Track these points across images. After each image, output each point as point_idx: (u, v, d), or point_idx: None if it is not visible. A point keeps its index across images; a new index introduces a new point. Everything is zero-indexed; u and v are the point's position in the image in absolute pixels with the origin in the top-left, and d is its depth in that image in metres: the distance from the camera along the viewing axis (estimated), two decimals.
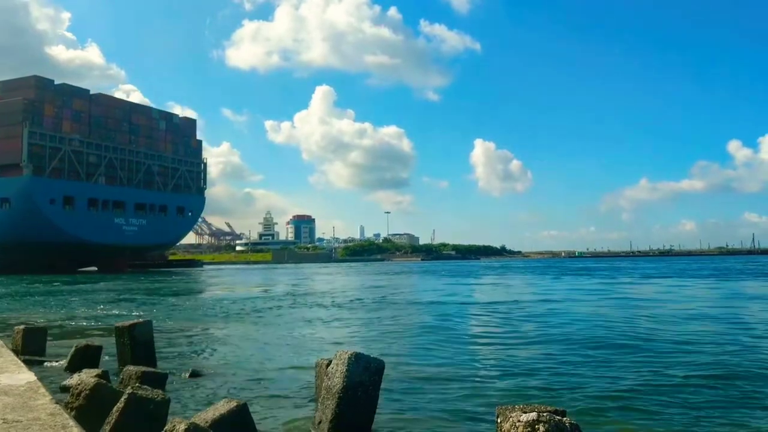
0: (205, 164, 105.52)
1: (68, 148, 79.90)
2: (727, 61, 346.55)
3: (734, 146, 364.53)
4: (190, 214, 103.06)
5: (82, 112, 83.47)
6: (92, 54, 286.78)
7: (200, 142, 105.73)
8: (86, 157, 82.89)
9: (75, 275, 64.62)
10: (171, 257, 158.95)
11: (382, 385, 6.50)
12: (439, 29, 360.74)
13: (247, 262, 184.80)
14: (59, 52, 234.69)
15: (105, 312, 21.55)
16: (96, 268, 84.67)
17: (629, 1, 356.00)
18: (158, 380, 7.97)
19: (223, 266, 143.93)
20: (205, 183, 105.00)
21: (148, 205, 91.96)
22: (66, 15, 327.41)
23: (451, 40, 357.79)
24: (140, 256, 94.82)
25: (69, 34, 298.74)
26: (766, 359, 10.63)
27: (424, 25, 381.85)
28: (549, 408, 4.41)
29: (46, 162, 77.16)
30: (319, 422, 6.22)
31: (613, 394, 8.16)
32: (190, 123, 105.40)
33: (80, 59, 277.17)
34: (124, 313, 20.97)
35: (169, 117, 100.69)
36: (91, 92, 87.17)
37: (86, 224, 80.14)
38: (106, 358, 10.44)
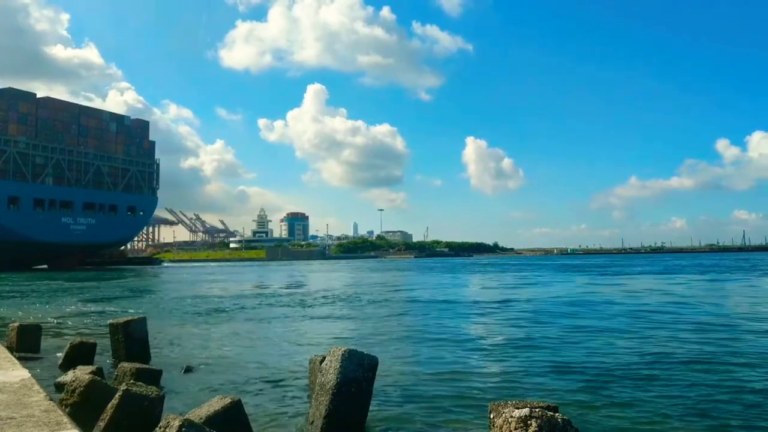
0: (158, 165, 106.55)
1: (13, 149, 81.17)
2: (715, 62, 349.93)
3: (722, 145, 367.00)
4: (141, 213, 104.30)
5: (29, 114, 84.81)
6: (90, 54, 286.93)
7: (153, 143, 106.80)
8: (32, 159, 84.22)
9: (27, 272, 64.93)
10: (165, 255, 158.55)
11: (376, 382, 6.53)
12: (431, 30, 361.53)
13: (241, 260, 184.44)
14: (58, 52, 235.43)
15: (86, 309, 21.48)
16: (47, 266, 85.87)
17: (618, 5, 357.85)
18: (153, 377, 8.00)
19: (186, 264, 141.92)
20: (157, 183, 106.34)
21: (98, 205, 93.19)
22: (65, 16, 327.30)
23: (444, 41, 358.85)
24: (91, 254, 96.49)
25: (67, 35, 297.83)
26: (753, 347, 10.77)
27: (417, 26, 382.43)
28: (541, 404, 4.46)
29: None
30: (313, 418, 6.25)
31: (605, 389, 8.22)
32: (143, 125, 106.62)
33: (78, 58, 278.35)
34: (96, 310, 20.90)
35: (120, 119, 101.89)
36: (38, 95, 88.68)
37: (32, 223, 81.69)
38: (101, 354, 10.43)
